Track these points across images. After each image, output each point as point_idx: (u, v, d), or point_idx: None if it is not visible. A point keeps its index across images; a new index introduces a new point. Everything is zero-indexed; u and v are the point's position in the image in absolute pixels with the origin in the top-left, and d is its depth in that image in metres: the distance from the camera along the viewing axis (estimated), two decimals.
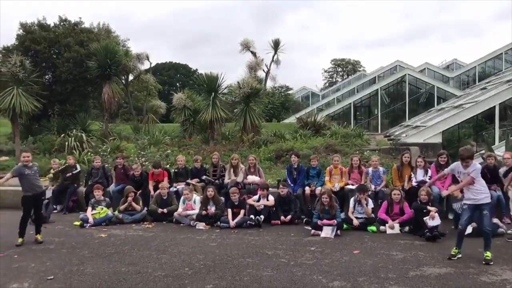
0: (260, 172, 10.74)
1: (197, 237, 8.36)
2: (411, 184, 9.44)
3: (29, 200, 7.96)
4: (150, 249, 7.49)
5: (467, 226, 6.82)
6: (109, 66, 20.03)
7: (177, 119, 20.76)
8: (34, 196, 7.97)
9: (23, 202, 7.99)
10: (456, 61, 54.88)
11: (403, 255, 6.93)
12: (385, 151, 15.70)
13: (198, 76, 22.13)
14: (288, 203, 9.57)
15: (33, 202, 8.01)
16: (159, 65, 57.59)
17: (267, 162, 14.30)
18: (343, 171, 10.19)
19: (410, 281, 5.70)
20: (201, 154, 14.55)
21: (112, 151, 16.13)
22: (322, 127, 19.79)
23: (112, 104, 20.42)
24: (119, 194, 10.61)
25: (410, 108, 39.15)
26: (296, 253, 7.11)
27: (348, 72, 78.20)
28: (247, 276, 5.94)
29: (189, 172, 11.10)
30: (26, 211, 8.00)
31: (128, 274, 6.14)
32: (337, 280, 5.76)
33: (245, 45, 28.45)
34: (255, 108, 18.39)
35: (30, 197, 7.94)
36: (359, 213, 8.92)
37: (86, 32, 23.27)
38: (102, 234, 8.66)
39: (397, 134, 26.89)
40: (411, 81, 40.32)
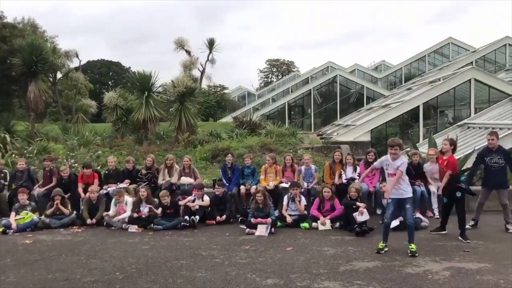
0: (195, 173, 10.67)
1: (129, 240, 8.14)
2: (341, 181, 9.77)
3: None
4: (79, 254, 7.20)
5: (392, 219, 7.16)
6: (35, 64, 18.96)
7: (109, 118, 20.09)
8: None
9: None
10: (384, 62, 57.49)
11: (334, 250, 7.16)
12: (317, 149, 16.14)
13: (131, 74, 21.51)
14: (223, 203, 9.57)
15: None
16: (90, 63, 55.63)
17: (203, 162, 14.22)
18: (277, 170, 10.35)
19: (341, 275, 5.89)
20: (134, 154, 14.21)
21: (39, 153, 15.31)
22: (257, 127, 19.98)
23: (39, 103, 19.35)
24: (45, 197, 10.10)
25: (341, 108, 40.60)
26: (231, 252, 7.12)
27: (283, 72, 79.57)
28: (180, 278, 5.88)
29: (121, 173, 10.80)
30: None
31: (55, 281, 5.86)
32: (271, 278, 5.84)
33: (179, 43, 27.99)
34: (191, 107, 18.21)
35: None
36: (292, 210, 9.11)
37: (9, 27, 22.00)
38: (27, 240, 8.20)
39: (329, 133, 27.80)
40: (342, 81, 41.81)
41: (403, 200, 6.89)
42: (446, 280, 5.64)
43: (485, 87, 24.85)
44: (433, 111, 28.12)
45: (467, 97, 25.40)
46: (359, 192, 8.70)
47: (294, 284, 5.57)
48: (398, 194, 6.90)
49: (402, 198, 6.89)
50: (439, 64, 45.60)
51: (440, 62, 47.20)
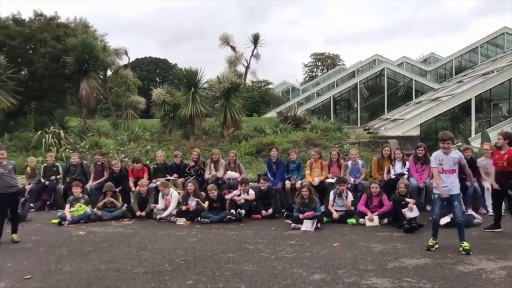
0: (240, 168, 10.75)
1: (177, 233, 8.32)
2: (390, 177, 9.56)
3: (2, 199, 7.75)
4: (129, 246, 7.43)
5: (440, 216, 6.93)
6: (86, 62, 19.70)
7: (157, 114, 20.59)
8: (7, 195, 7.76)
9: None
10: (433, 54, 55.63)
11: (382, 247, 7.02)
12: (364, 144, 15.87)
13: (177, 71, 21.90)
14: (268, 197, 9.60)
15: (7, 201, 7.83)
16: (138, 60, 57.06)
17: (248, 157, 14.31)
18: (323, 165, 10.25)
19: (389, 272, 5.77)
20: (181, 149, 14.48)
21: (90, 148, 15.93)
22: (302, 121, 19.87)
23: (90, 100, 20.11)
24: (97, 191, 10.48)
25: (388, 102, 39.61)
26: (277, 247, 7.13)
27: (328, 66, 78.59)
28: (227, 271, 5.94)
29: (169, 167, 11.04)
30: (1, 211, 7.83)
31: (107, 271, 6.07)
32: (317, 273, 5.80)
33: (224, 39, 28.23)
34: (235, 103, 18.36)
35: (3, 195, 7.73)
36: (339, 206, 9.00)
37: (62, 27, 22.82)
38: (80, 232, 8.55)
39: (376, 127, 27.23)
40: (389, 74, 40.78)
41: (450, 196, 6.66)
42: (502, 280, 5.40)
43: None
44: (486, 105, 26.94)
45: None
46: (408, 188, 8.47)
47: (341, 280, 5.51)
48: (444, 190, 6.67)
49: (449, 195, 6.66)
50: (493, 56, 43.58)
51: (493, 53, 45.08)
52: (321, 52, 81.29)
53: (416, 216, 8.06)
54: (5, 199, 7.78)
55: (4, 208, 7.86)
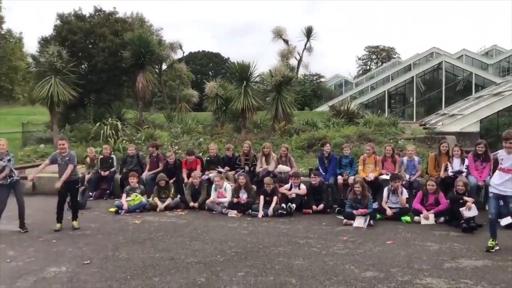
0: (291, 162, 10.70)
1: (228, 224, 8.43)
2: (447, 174, 9.21)
3: None
4: (182, 235, 7.61)
5: (496, 215, 6.59)
6: (143, 55, 20.26)
7: (210, 107, 20.86)
8: (66, 184, 8.12)
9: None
10: (496, 47, 52.87)
11: (438, 246, 6.79)
12: (420, 140, 15.38)
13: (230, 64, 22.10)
14: (319, 192, 9.52)
15: (65, 189, 8.20)
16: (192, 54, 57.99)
17: (299, 151, 14.23)
18: (377, 160, 10.03)
19: (445, 273, 5.57)
20: (233, 142, 14.60)
21: (146, 139, 16.40)
22: (355, 116, 19.52)
23: (146, 93, 20.69)
24: (152, 181, 10.79)
25: (446, 96, 38.02)
26: (328, 242, 7.06)
27: (383, 59, 76.64)
28: (278, 265, 5.95)
29: (221, 160, 11.18)
30: (60, 197, 8.23)
31: (161, 260, 6.25)
32: (370, 270, 5.69)
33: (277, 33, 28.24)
34: (287, 97, 18.27)
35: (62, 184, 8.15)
36: (393, 203, 8.79)
37: (120, 21, 23.52)
38: (136, 221, 8.84)
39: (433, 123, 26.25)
40: (448, 68, 39.12)
41: (505, 197, 6.37)
42: None
43: None
44: None
45: None
46: (467, 186, 8.13)
47: (395, 278, 5.38)
48: (499, 190, 6.35)
49: (504, 196, 6.35)
50: None
51: None
52: (375, 45, 79.42)
53: (475, 215, 7.74)
54: (64, 188, 8.17)
55: (63, 195, 8.25)
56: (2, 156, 7.99)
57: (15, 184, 8.15)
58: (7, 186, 8.03)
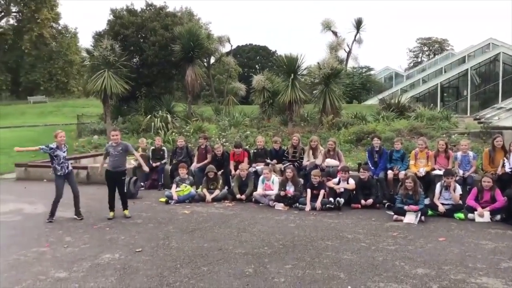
0: (340, 156, 10.55)
1: (275, 217, 8.44)
2: (504, 170, 8.79)
3: (108, 175, 8.49)
4: (230, 227, 7.69)
5: None
6: (192, 49, 20.58)
7: (256, 100, 20.96)
8: (113, 173, 8.44)
9: (105, 176, 8.56)
10: None
11: (494, 245, 6.50)
12: (474, 134, 14.77)
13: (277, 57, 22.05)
14: (369, 187, 9.35)
15: (112, 179, 8.49)
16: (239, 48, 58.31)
17: (347, 145, 14.06)
18: (429, 155, 9.72)
19: (502, 273, 5.33)
20: (280, 135, 14.61)
21: (194, 132, 16.70)
22: (406, 109, 19.04)
23: (195, 86, 21.04)
24: (201, 172, 10.97)
25: (503, 89, 36.23)
26: (377, 238, 6.93)
27: (435, 51, 74.04)
28: (326, 259, 5.90)
29: (268, 153, 11.20)
30: (109, 186, 8.53)
31: (210, 250, 6.35)
32: (421, 267, 5.54)
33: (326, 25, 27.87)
34: (335, 89, 18.04)
35: (109, 172, 8.46)
36: (445, 199, 8.49)
37: (170, 16, 23.97)
38: (185, 211, 9.02)
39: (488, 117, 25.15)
40: (505, 60, 37.22)
41: None
42: None
43: None
44: None
45: None
46: None
47: (448, 277, 5.21)
48: None
49: None
50: None
51: None
52: (427, 37, 76.83)
53: None
54: (110, 175, 8.48)
55: (111, 184, 8.53)
56: (62, 148, 8.39)
57: (69, 174, 8.52)
58: (63, 176, 8.40)
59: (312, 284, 5.04)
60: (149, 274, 5.43)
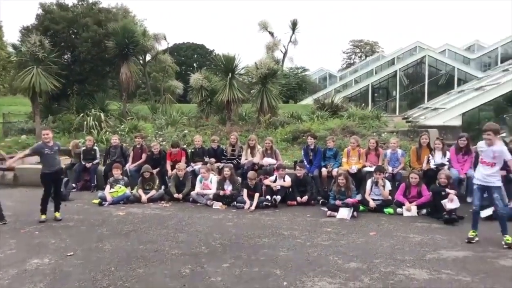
0: (277, 154, 10.72)
1: (213, 216, 8.43)
2: (429, 167, 9.34)
3: (47, 177, 8.10)
4: (167, 227, 7.59)
5: (479, 207, 6.73)
6: (126, 46, 20.02)
7: (194, 99, 20.77)
8: (52, 174, 8.11)
9: (43, 179, 8.14)
10: (477, 42, 53.55)
11: (420, 237, 6.89)
12: (403, 133, 15.54)
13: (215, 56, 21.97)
14: (304, 184, 9.57)
15: (52, 180, 8.14)
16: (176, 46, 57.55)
17: (284, 143, 14.28)
18: (360, 153, 10.12)
19: (427, 263, 5.67)
20: (218, 134, 14.58)
21: (130, 131, 16.26)
22: (339, 109, 19.63)
23: (130, 84, 20.48)
24: (136, 173, 10.72)
25: (429, 90, 38.44)
26: (312, 234, 7.12)
27: (366, 53, 77.05)
28: (263, 256, 5.98)
29: (206, 152, 11.16)
30: (47, 189, 8.14)
31: (146, 251, 6.23)
32: (353, 261, 5.76)
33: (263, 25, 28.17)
34: (272, 89, 18.26)
35: (49, 174, 8.08)
36: (376, 195, 8.88)
37: (104, 12, 23.17)
38: (120, 212, 8.79)
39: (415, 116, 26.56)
40: (431, 62, 39.52)
41: (489, 188, 6.48)
42: None
43: None
44: None
45: None
46: (449, 179, 8.25)
47: (378, 269, 5.45)
48: (483, 182, 6.48)
49: (488, 186, 6.48)
50: None
51: None
52: (359, 39, 79.81)
53: (456, 207, 7.87)
54: (50, 177, 8.10)
55: (49, 186, 8.17)
56: None
57: None
58: None
59: (249, 282, 5.09)
60: (81, 278, 5.24)
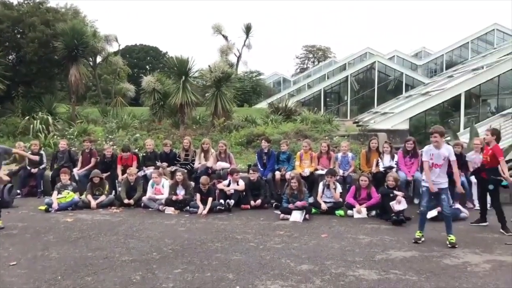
0: (231, 158, 10.72)
1: (165, 221, 8.30)
2: (378, 169, 9.61)
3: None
4: (117, 234, 7.39)
5: (427, 208, 6.99)
6: (76, 47, 19.38)
7: (147, 102, 20.40)
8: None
9: None
10: (424, 49, 55.81)
11: (370, 239, 7.07)
12: (354, 137, 15.91)
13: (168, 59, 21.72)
14: (258, 188, 9.61)
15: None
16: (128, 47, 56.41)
17: (238, 147, 14.28)
18: (313, 156, 10.27)
19: (376, 264, 5.82)
20: (171, 138, 14.39)
21: (79, 135, 15.76)
22: (293, 113, 19.85)
23: (80, 86, 19.84)
24: (85, 178, 10.40)
25: (379, 95, 39.74)
26: (265, 237, 7.15)
27: (319, 58, 78.53)
28: (215, 261, 5.94)
29: (158, 156, 10.98)
30: None
31: (95, 259, 6.04)
32: (305, 263, 5.83)
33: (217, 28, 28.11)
34: (227, 93, 18.25)
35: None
36: (328, 197, 9.04)
37: (52, 11, 22.37)
38: (68, 219, 8.48)
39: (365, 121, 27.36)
40: (380, 68, 40.84)
41: (438, 189, 6.72)
42: (487, 273, 5.47)
43: None
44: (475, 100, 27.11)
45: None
46: (397, 181, 8.53)
47: (329, 271, 5.54)
48: (434, 183, 6.72)
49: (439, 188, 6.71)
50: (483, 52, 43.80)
51: (483, 49, 45.31)
52: (312, 44, 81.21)
53: (404, 209, 8.13)
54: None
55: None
56: None
57: None
58: None
59: (201, 287, 5.04)
60: None
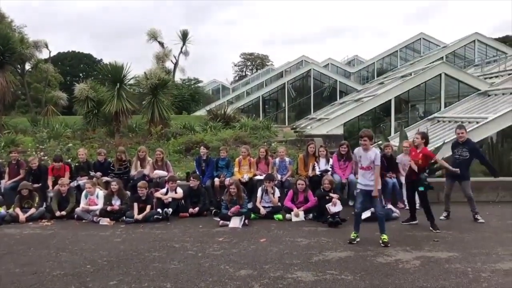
0: (168, 166, 10.52)
1: (100, 233, 8.00)
2: (315, 173, 9.84)
3: None
4: (48, 247, 7.04)
5: (362, 210, 7.24)
6: (2, 54, 18.39)
7: (80, 111, 19.70)
8: None
9: None
10: (357, 57, 58.02)
11: (307, 241, 7.20)
12: (291, 142, 16.19)
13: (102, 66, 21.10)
14: (197, 195, 9.51)
15: None
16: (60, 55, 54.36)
17: (176, 155, 14.09)
18: (251, 162, 10.33)
19: (313, 265, 5.94)
20: (106, 147, 13.94)
21: (6, 145, 14.89)
22: (232, 120, 19.90)
23: (6, 94, 18.79)
24: (12, 190, 9.81)
25: (315, 102, 40.88)
26: (204, 244, 7.08)
27: (257, 66, 79.49)
28: (153, 270, 5.81)
29: (92, 165, 10.60)
30: None
31: (23, 275, 5.71)
32: (244, 268, 5.83)
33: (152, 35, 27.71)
34: (164, 100, 18.00)
35: None
36: (266, 202, 9.12)
37: None
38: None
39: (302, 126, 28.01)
40: (315, 75, 42.06)
41: (370, 191, 6.97)
42: (417, 269, 5.74)
43: (455, 82, 25.42)
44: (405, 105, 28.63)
45: (437, 91, 25.95)
46: (333, 184, 8.76)
47: (268, 275, 5.58)
48: (365, 186, 6.98)
49: (370, 190, 6.97)
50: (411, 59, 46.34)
51: (411, 57, 47.98)
52: (250, 52, 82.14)
53: (339, 210, 8.34)
54: None
55: None
56: None
57: None
58: None
59: None
60: None
